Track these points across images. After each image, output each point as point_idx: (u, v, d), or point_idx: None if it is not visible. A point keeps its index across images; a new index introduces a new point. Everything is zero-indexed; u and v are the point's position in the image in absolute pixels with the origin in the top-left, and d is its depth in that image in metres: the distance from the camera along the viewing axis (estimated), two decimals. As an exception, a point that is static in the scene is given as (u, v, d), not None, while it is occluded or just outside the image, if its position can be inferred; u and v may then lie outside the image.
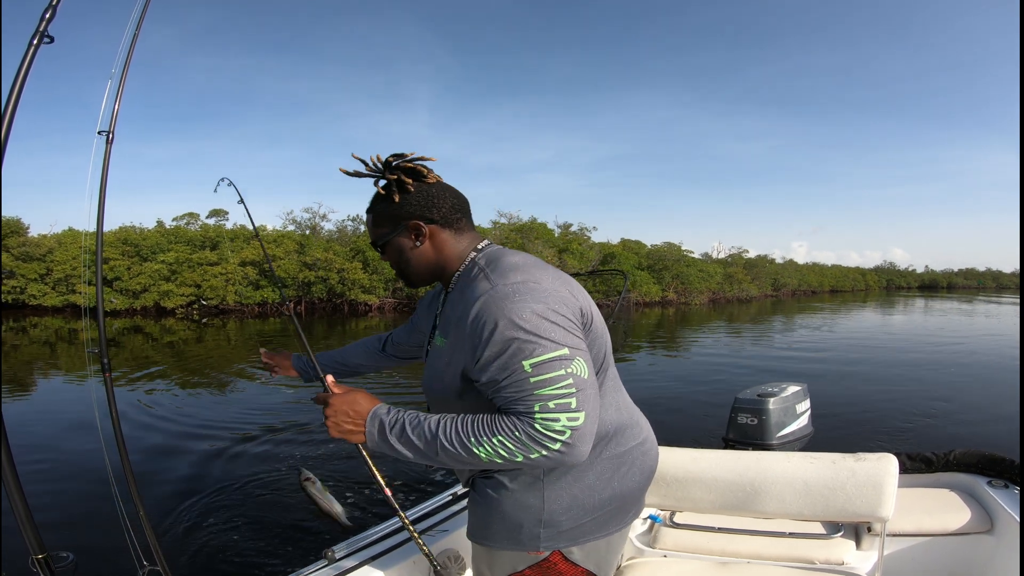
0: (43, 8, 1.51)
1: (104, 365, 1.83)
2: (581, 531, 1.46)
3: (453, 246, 1.49)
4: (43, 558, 1.48)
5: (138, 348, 19.03)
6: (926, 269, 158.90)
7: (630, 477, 1.51)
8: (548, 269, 1.38)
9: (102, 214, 1.73)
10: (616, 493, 1.48)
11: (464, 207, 1.52)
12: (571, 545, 1.46)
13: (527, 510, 1.43)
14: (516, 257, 1.40)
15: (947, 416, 9.08)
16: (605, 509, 1.47)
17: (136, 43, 1.70)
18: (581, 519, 1.45)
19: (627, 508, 1.54)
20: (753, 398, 4.31)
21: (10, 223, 35.45)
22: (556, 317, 1.25)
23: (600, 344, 1.43)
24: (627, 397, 1.60)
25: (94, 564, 3.89)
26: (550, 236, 46.19)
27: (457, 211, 1.49)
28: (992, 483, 2.79)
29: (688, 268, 49.60)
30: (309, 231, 42.62)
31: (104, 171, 1.71)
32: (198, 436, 7.84)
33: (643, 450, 1.56)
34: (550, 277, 1.33)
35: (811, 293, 76.37)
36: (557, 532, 1.44)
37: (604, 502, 1.46)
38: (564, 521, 1.44)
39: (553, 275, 1.35)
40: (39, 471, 6.18)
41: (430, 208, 1.45)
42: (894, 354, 16.80)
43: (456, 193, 1.51)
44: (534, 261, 1.39)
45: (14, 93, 1.44)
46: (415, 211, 1.44)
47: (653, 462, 1.61)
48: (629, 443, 1.51)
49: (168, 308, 33.88)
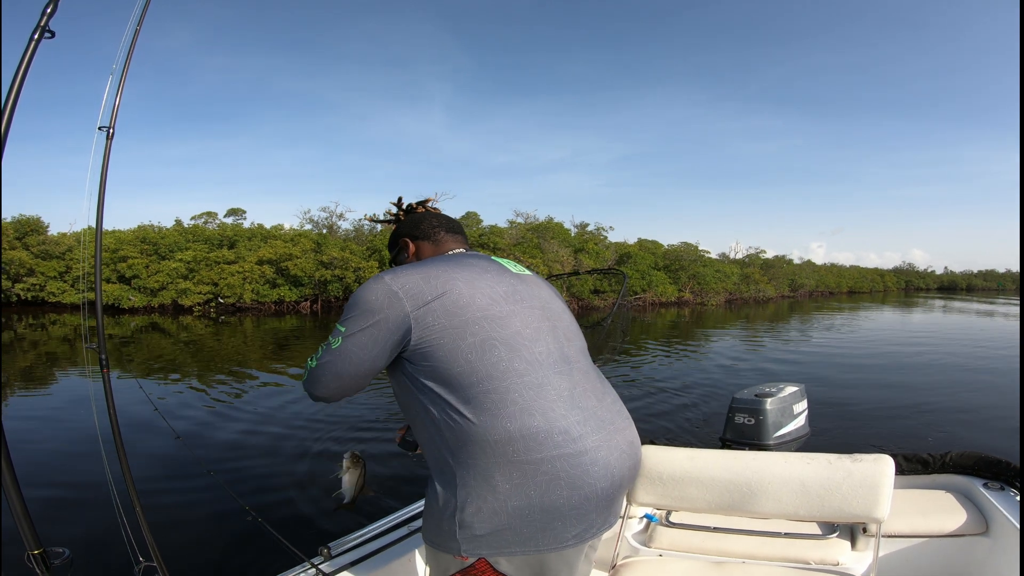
0: (44, 3, 1.51)
1: (102, 362, 1.83)
2: (502, 540, 1.44)
3: (432, 253, 1.82)
4: (39, 554, 1.49)
5: (152, 344, 19.21)
6: (945, 271, 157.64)
7: (554, 490, 1.42)
8: (417, 270, 1.55)
9: (101, 209, 1.73)
10: (536, 505, 1.42)
11: (446, 225, 1.87)
12: (496, 555, 1.45)
13: (444, 507, 1.47)
14: (416, 262, 1.66)
15: (945, 417, 9.00)
16: (526, 520, 1.42)
17: (138, 39, 1.70)
18: (497, 526, 1.42)
19: (563, 527, 1.46)
20: (750, 398, 4.30)
21: (30, 221, 35.95)
22: (358, 305, 1.52)
23: (473, 334, 1.48)
24: (563, 404, 1.50)
25: (90, 560, 3.93)
26: (566, 236, 46.18)
27: (437, 228, 1.85)
28: (988, 485, 2.77)
29: (704, 268, 49.42)
30: (326, 230, 42.88)
31: (104, 167, 1.71)
32: (198, 433, 7.88)
33: (572, 463, 1.44)
34: (391, 278, 1.53)
35: (828, 294, 75.87)
36: (473, 536, 1.44)
37: (521, 511, 1.42)
38: (477, 524, 1.43)
39: (405, 275, 1.53)
40: (36, 467, 6.20)
41: (414, 229, 1.87)
42: (895, 354, 16.60)
43: (440, 216, 1.90)
44: (419, 265, 1.60)
45: (14, 88, 1.44)
46: (404, 232, 1.88)
47: (594, 480, 1.47)
48: (546, 451, 1.43)
49: (185, 306, 34.24)
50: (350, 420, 8.21)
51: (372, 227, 41.91)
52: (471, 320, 1.48)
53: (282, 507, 5.13)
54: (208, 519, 4.91)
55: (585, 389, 1.57)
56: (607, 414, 1.58)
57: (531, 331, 1.54)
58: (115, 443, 1.85)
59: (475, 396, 1.43)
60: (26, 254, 34.33)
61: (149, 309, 34.06)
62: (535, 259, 38.83)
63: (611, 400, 1.65)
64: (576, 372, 1.59)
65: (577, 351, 1.65)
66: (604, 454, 1.50)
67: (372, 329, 1.48)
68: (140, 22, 1.69)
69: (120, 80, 1.72)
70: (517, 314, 1.54)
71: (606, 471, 1.49)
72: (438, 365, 1.46)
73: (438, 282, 1.51)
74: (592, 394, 1.59)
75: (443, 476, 1.49)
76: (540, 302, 1.63)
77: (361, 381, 1.54)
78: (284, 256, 36.03)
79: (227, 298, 34.97)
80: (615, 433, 1.57)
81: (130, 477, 1.89)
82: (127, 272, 34.92)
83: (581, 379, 1.59)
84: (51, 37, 1.52)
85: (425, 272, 1.54)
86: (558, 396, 1.50)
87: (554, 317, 1.64)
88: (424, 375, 1.49)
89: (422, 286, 1.50)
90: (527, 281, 1.67)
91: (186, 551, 4.31)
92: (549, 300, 1.68)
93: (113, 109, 1.73)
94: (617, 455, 1.54)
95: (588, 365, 1.67)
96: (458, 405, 1.44)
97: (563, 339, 1.61)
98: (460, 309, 1.48)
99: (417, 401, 1.52)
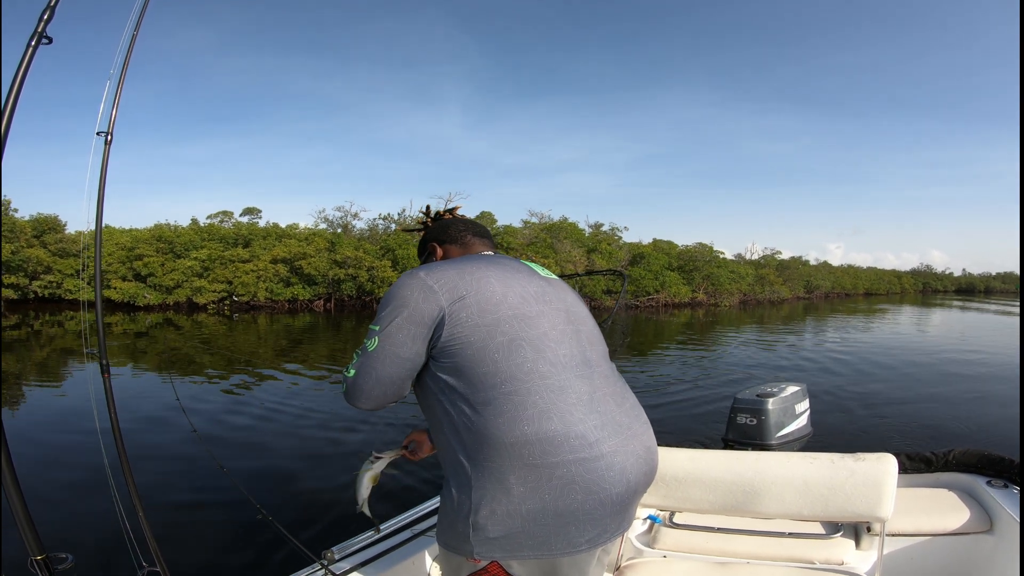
0: (41, 9, 1.52)
1: (103, 365, 1.83)
2: (515, 543, 1.43)
3: (459, 255, 1.83)
4: (42, 559, 1.48)
5: (167, 340, 19.33)
6: (963, 272, 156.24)
7: (569, 495, 1.42)
8: (452, 266, 1.58)
9: (100, 214, 1.73)
10: (550, 509, 1.41)
11: (472, 228, 1.90)
12: (509, 558, 1.45)
13: (459, 509, 1.46)
14: (449, 260, 1.72)
15: (947, 416, 8.93)
16: (540, 524, 1.42)
17: (135, 45, 1.70)
18: (510, 529, 1.42)
19: (577, 532, 1.45)
20: (752, 398, 4.28)
21: (48, 220, 36.48)
22: (393, 300, 1.53)
23: (504, 333, 1.48)
24: (582, 408, 1.49)
25: (93, 565, 3.92)
26: (580, 236, 46.14)
27: (464, 232, 1.88)
28: (992, 483, 2.77)
29: (719, 269, 49.21)
30: (340, 229, 43.08)
31: (103, 172, 1.71)
32: (202, 435, 7.90)
33: (587, 467, 1.43)
34: (425, 273, 1.55)
35: (844, 296, 75.41)
36: (487, 538, 1.43)
37: (535, 515, 1.41)
38: (491, 527, 1.42)
39: (440, 270, 1.55)
40: (38, 471, 6.19)
41: (441, 233, 1.90)
42: (896, 356, 16.45)
43: (468, 221, 1.93)
44: (453, 261, 1.65)
45: (12, 94, 1.44)
46: (431, 236, 1.92)
47: (609, 485, 1.45)
48: (562, 455, 1.42)
49: (200, 304, 34.52)
50: (355, 421, 8.23)
51: (387, 227, 42.12)
52: (503, 319, 1.49)
53: (288, 508, 5.15)
54: (215, 518, 4.92)
55: (605, 393, 1.56)
56: (625, 419, 1.57)
57: (557, 333, 1.54)
58: (116, 446, 1.85)
59: (496, 397, 1.43)
60: (44, 252, 34.79)
61: (164, 307, 34.39)
62: (548, 259, 38.84)
63: (630, 405, 1.63)
64: (597, 376, 1.58)
65: (599, 355, 1.64)
66: (620, 459, 1.49)
67: (408, 324, 1.49)
68: (137, 28, 1.69)
69: (118, 86, 1.72)
70: (545, 315, 1.55)
71: (622, 476, 1.48)
72: (463, 364, 1.46)
73: (472, 278, 1.52)
74: (612, 398, 1.57)
75: (458, 478, 1.48)
76: (565, 305, 1.64)
77: (403, 385, 1.54)
78: (298, 255, 36.27)
79: (241, 296, 35.27)
80: (632, 438, 1.55)
81: (132, 480, 1.89)
82: (143, 270, 35.30)
83: (601, 383, 1.58)
84: (48, 43, 1.52)
85: (460, 268, 1.55)
86: (578, 400, 1.49)
87: (578, 321, 1.64)
88: (446, 373, 1.48)
89: (457, 281, 1.51)
90: (554, 284, 1.69)
91: (191, 553, 4.31)
92: (574, 304, 1.68)
93: (111, 114, 1.73)
94: (633, 460, 1.52)
95: (609, 369, 1.66)
96: (477, 406, 1.44)
97: (586, 343, 1.61)
98: (493, 306, 1.49)
99: (437, 401, 1.52)
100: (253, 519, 2.57)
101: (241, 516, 4.80)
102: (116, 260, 35.82)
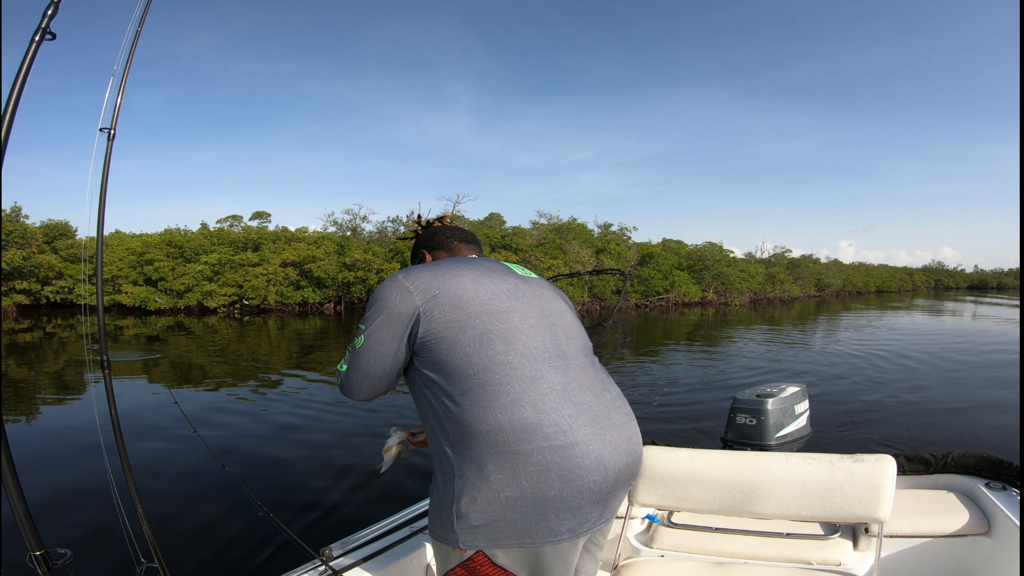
0: (45, 5, 1.52)
1: (103, 363, 1.83)
2: (497, 532, 1.48)
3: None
4: (41, 555, 1.49)
5: (175, 344, 19.41)
6: (975, 269, 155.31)
7: (545, 482, 1.46)
8: (428, 268, 1.67)
9: (103, 208, 1.73)
10: (528, 496, 1.46)
11: (459, 235, 2.01)
12: (493, 547, 1.50)
13: (443, 498, 1.54)
14: (430, 263, 1.77)
15: (947, 417, 8.87)
16: (519, 511, 1.47)
17: (138, 41, 1.70)
18: (491, 516, 1.47)
19: (557, 520, 1.49)
20: (752, 399, 4.28)
21: (59, 226, 36.78)
22: (376, 302, 1.65)
23: (474, 327, 1.56)
24: (555, 398, 1.53)
25: (92, 561, 3.95)
26: (589, 236, 46.09)
27: (451, 238, 1.99)
28: (990, 485, 2.76)
29: (728, 268, 49.06)
30: (350, 232, 43.20)
31: (105, 167, 1.71)
32: (201, 433, 7.94)
33: (562, 455, 1.47)
34: (403, 276, 1.65)
35: (856, 294, 75.02)
36: (470, 527, 1.48)
37: (514, 502, 1.46)
38: (472, 515, 1.48)
39: (416, 273, 1.66)
40: (38, 468, 6.22)
41: (430, 240, 2.00)
42: (898, 353, 16.28)
43: (455, 228, 2.04)
44: (431, 264, 1.73)
45: (15, 90, 1.45)
46: (422, 244, 2.02)
47: (586, 473, 1.49)
48: (536, 442, 1.46)
49: (211, 307, 34.69)
50: (356, 421, 8.29)
51: (395, 229, 42.21)
52: (473, 314, 1.57)
53: (287, 505, 5.17)
54: (214, 515, 4.93)
55: (581, 384, 1.61)
56: (604, 409, 1.60)
57: (528, 327, 1.61)
58: (116, 444, 1.86)
59: (471, 388, 1.50)
60: (55, 258, 35.13)
61: (175, 310, 34.59)
62: (556, 260, 38.82)
63: (610, 397, 1.66)
64: (572, 368, 1.62)
65: (576, 348, 1.68)
66: (597, 447, 1.52)
67: (388, 323, 1.60)
68: (140, 24, 1.70)
69: (121, 82, 1.73)
70: (517, 310, 1.62)
71: (599, 465, 1.51)
72: (440, 358, 1.54)
73: (445, 278, 1.62)
74: (589, 390, 1.61)
75: (443, 468, 1.56)
76: (541, 300, 1.70)
77: (388, 378, 1.65)
78: (308, 258, 36.42)
79: (251, 300, 35.44)
80: (611, 428, 1.58)
81: (132, 477, 1.89)
82: (153, 275, 35.56)
83: (577, 375, 1.62)
84: (52, 39, 1.52)
85: (435, 270, 1.65)
86: (550, 389, 1.54)
87: (553, 315, 1.69)
88: (427, 367, 1.57)
89: (431, 281, 1.61)
90: (530, 282, 1.75)
91: (190, 549, 4.33)
92: (551, 300, 1.74)
93: (114, 110, 1.73)
94: (611, 449, 1.55)
95: (587, 362, 1.69)
96: (456, 396, 1.51)
97: (561, 336, 1.66)
98: (464, 303, 1.57)
99: (422, 395, 1.61)
100: (252, 516, 2.57)
101: (240, 513, 4.84)
102: (127, 265, 36.10)
